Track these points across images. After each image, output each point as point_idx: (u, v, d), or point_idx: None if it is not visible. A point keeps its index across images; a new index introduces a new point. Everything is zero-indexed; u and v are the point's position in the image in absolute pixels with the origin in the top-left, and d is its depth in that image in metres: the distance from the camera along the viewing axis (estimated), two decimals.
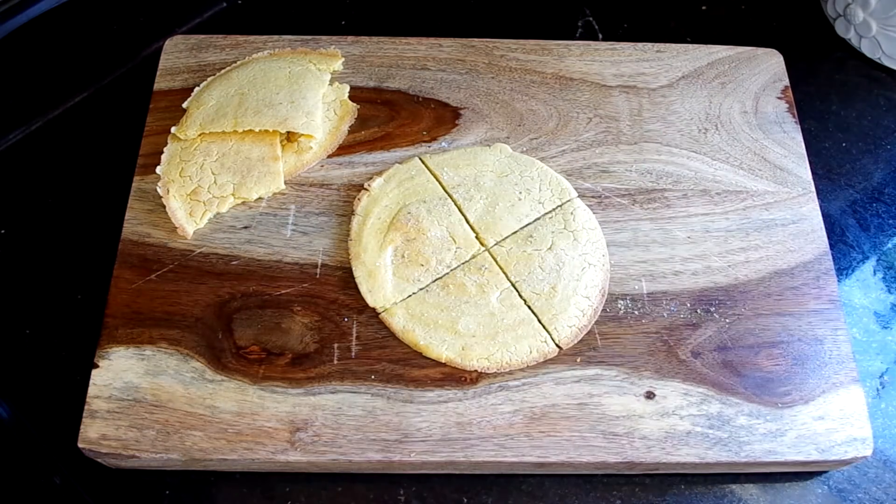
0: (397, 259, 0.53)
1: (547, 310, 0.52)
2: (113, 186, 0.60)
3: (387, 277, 0.53)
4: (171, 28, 0.71)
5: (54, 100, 0.67)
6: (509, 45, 0.65)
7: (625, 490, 0.51)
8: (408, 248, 0.54)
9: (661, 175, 0.59)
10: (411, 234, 0.54)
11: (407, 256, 0.53)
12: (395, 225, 0.54)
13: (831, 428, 0.50)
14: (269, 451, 0.48)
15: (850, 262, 0.61)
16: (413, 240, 0.54)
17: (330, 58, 0.63)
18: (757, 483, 0.52)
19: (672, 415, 0.50)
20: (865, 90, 0.70)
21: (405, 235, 0.54)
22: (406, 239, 0.54)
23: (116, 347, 0.51)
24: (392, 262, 0.53)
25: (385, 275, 0.53)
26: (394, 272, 0.53)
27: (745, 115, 0.62)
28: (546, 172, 0.58)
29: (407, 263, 0.53)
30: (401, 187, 0.56)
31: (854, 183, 0.65)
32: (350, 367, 0.51)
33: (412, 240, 0.54)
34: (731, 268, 0.55)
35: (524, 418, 0.49)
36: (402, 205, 0.55)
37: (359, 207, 0.56)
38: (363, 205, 0.56)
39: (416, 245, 0.54)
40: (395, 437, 0.48)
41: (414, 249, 0.54)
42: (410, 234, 0.54)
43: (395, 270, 0.53)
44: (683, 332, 0.53)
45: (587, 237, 0.55)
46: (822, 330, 0.53)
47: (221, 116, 0.58)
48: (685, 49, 0.65)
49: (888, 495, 0.52)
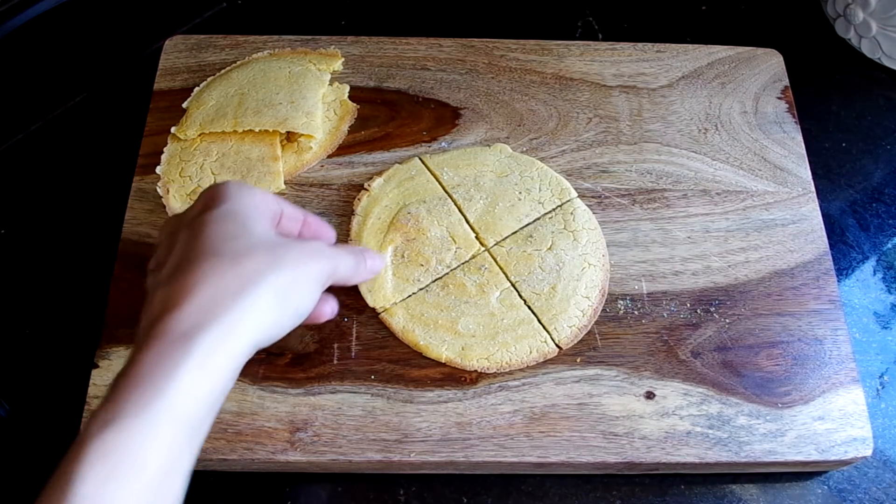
0: (397, 259, 0.53)
1: (547, 310, 0.52)
2: (113, 186, 0.60)
3: (387, 277, 0.53)
4: (171, 28, 0.71)
5: (54, 100, 0.67)
6: (509, 45, 0.65)
7: (625, 490, 0.51)
8: (408, 248, 0.54)
9: (661, 175, 0.59)
10: (411, 234, 0.54)
11: (407, 256, 0.53)
12: (395, 225, 0.54)
13: (831, 428, 0.50)
14: (269, 451, 0.48)
15: (850, 262, 0.61)
16: (413, 240, 0.54)
17: (330, 58, 0.63)
18: (757, 483, 0.52)
19: (672, 415, 0.50)
20: (865, 90, 0.70)
21: (405, 235, 0.54)
22: (406, 239, 0.54)
23: (116, 347, 0.51)
24: (392, 263, 0.53)
25: (385, 275, 0.53)
26: (394, 272, 0.53)
27: (745, 115, 0.62)
28: (546, 172, 0.58)
29: (407, 263, 0.53)
30: (401, 187, 0.56)
31: (854, 183, 0.65)
32: (350, 367, 0.51)
33: (412, 240, 0.54)
34: (731, 268, 0.55)
35: (524, 418, 0.49)
36: (402, 205, 0.55)
37: (359, 207, 0.56)
38: (363, 205, 0.56)
39: (416, 245, 0.54)
40: (395, 437, 0.48)
41: (414, 249, 0.54)
42: (410, 234, 0.54)
43: (395, 270, 0.53)
44: (683, 332, 0.53)
45: (587, 237, 0.55)
46: (822, 330, 0.53)
47: (221, 116, 0.58)
48: (685, 49, 0.65)
49: (888, 495, 0.52)
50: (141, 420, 0.32)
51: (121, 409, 0.32)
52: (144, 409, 0.32)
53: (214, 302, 0.35)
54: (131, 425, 0.32)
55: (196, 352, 0.34)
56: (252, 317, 0.36)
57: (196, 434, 0.34)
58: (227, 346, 0.35)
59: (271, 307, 0.37)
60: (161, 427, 0.32)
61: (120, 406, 0.32)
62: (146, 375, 0.33)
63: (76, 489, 0.30)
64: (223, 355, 0.35)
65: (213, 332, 0.34)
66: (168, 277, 0.37)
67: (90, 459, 0.31)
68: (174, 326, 0.34)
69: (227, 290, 0.35)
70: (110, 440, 0.31)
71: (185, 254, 0.37)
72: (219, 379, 0.35)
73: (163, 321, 0.34)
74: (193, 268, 0.36)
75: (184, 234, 0.39)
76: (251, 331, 0.36)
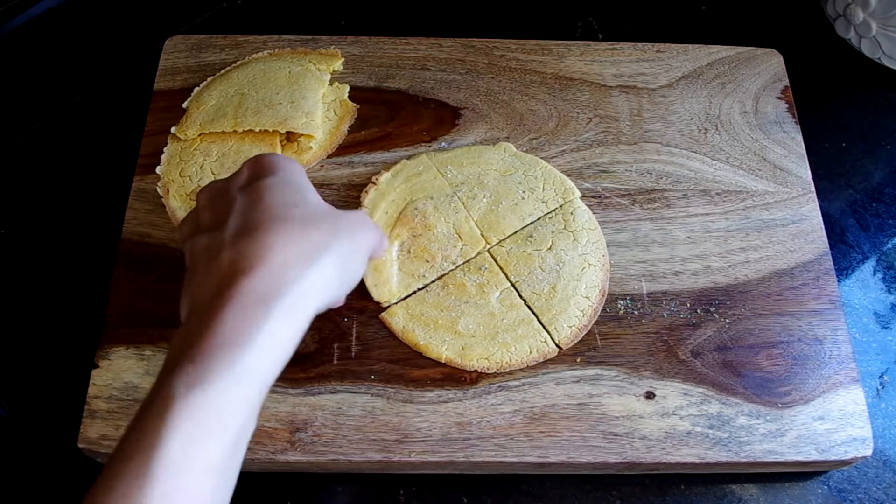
0: (403, 254, 0.53)
1: (547, 310, 0.52)
2: (113, 186, 0.60)
3: (392, 272, 0.53)
4: (171, 28, 0.71)
5: (54, 100, 0.67)
6: (509, 45, 0.65)
7: (625, 490, 0.51)
8: (414, 244, 0.54)
9: (661, 175, 0.59)
10: (418, 230, 0.54)
11: (413, 252, 0.53)
12: (401, 220, 0.54)
13: (831, 428, 0.50)
14: (269, 451, 0.48)
15: (850, 262, 0.61)
16: (419, 236, 0.54)
17: (330, 58, 0.63)
18: (757, 483, 0.52)
19: (672, 415, 0.50)
20: (865, 90, 0.70)
21: (412, 231, 0.54)
22: (413, 235, 0.54)
23: (116, 347, 0.51)
24: (398, 258, 0.53)
25: (391, 270, 0.53)
26: (399, 267, 0.53)
27: (745, 115, 0.62)
28: (550, 172, 0.58)
29: (413, 259, 0.53)
30: (408, 182, 0.56)
31: (854, 183, 0.65)
32: (350, 367, 0.51)
33: (418, 235, 0.54)
34: (731, 268, 0.55)
35: (524, 418, 0.49)
36: (409, 200, 0.55)
37: (366, 200, 0.56)
38: (370, 198, 0.56)
39: (423, 241, 0.54)
40: (395, 437, 0.48)
41: (420, 245, 0.54)
42: (417, 230, 0.54)
43: (401, 266, 0.53)
44: (683, 332, 0.53)
45: (587, 237, 0.55)
46: (822, 330, 0.53)
47: (221, 116, 0.58)
48: (685, 49, 0.65)
49: (888, 495, 0.52)
50: (227, 382, 0.33)
51: (206, 370, 0.33)
52: (229, 371, 0.33)
53: (287, 266, 0.37)
54: (218, 387, 0.33)
55: (275, 315, 0.35)
56: (321, 282, 0.38)
57: (265, 394, 0.36)
58: (300, 309, 0.37)
59: (335, 273, 0.39)
60: (242, 388, 0.34)
61: (205, 367, 0.33)
62: (229, 336, 0.34)
63: (164, 450, 0.31)
64: (297, 318, 0.37)
65: (290, 296, 0.36)
66: (235, 238, 0.38)
67: (178, 420, 0.31)
68: (252, 288, 0.35)
69: (298, 255, 0.37)
70: (197, 402, 0.32)
71: (251, 218, 0.38)
72: (291, 340, 0.37)
73: (238, 283, 0.35)
74: (263, 232, 0.37)
75: (243, 199, 0.40)
76: (319, 295, 0.38)
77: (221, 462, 0.33)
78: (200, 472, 0.32)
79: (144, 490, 0.30)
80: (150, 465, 0.30)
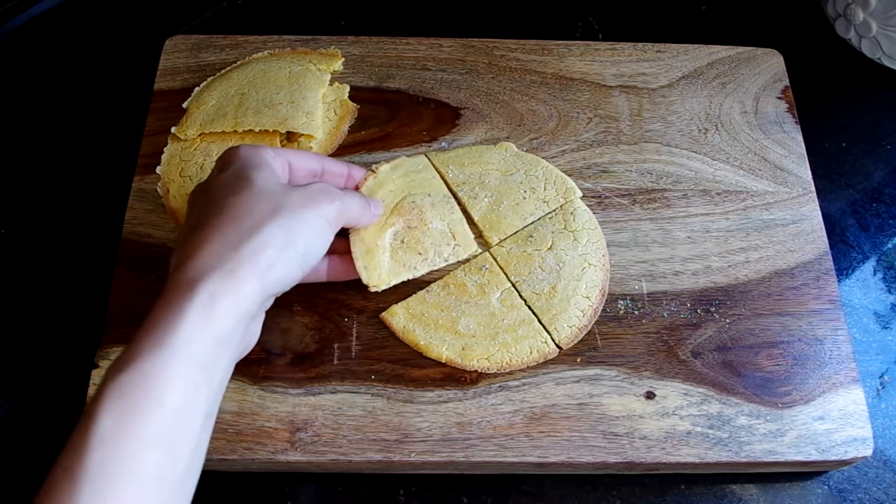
0: (396, 243, 0.53)
1: (547, 310, 0.52)
2: (113, 186, 0.60)
3: (384, 258, 0.52)
4: (171, 28, 0.71)
5: (54, 100, 0.67)
6: (509, 45, 0.65)
7: (625, 490, 0.51)
8: (408, 235, 0.53)
9: (661, 175, 0.59)
10: (413, 223, 0.54)
11: (406, 242, 0.53)
12: (398, 210, 0.54)
13: (831, 428, 0.50)
14: (269, 451, 0.48)
15: (850, 262, 0.61)
16: (414, 228, 0.54)
17: (330, 58, 0.63)
18: (757, 483, 0.52)
19: (672, 415, 0.50)
20: (865, 90, 0.70)
21: (407, 222, 0.54)
22: (408, 225, 0.53)
23: (116, 347, 0.51)
24: (391, 245, 0.53)
25: (382, 255, 0.52)
26: (391, 255, 0.52)
27: (745, 115, 0.62)
28: (551, 172, 0.58)
29: (406, 249, 0.53)
30: (407, 177, 0.56)
31: (854, 183, 0.65)
32: (350, 367, 0.51)
33: (413, 227, 0.54)
34: (731, 268, 0.55)
35: (524, 418, 0.49)
36: (407, 194, 0.55)
37: (363, 187, 0.55)
38: (368, 185, 0.55)
39: (417, 234, 0.53)
40: (395, 437, 0.48)
41: (414, 237, 0.53)
42: (412, 223, 0.54)
43: (393, 253, 0.52)
44: (683, 332, 0.53)
45: (587, 237, 0.55)
46: (822, 330, 0.53)
47: (221, 116, 0.58)
48: (685, 49, 0.66)
49: (888, 495, 0.52)
50: (153, 360, 0.35)
51: (134, 352, 0.36)
52: (156, 350, 0.35)
53: (218, 254, 0.39)
54: (144, 365, 0.35)
55: (200, 295, 0.37)
56: (254, 261, 0.39)
57: (211, 375, 0.37)
58: (230, 289, 0.38)
59: (275, 251, 0.40)
60: (173, 366, 0.35)
61: (133, 350, 0.36)
62: (155, 321, 0.37)
63: (98, 425, 0.34)
64: (227, 298, 0.38)
65: (215, 276, 0.38)
66: (182, 240, 0.41)
67: (110, 397, 0.34)
68: (181, 277, 0.38)
69: (228, 242, 0.39)
70: (126, 380, 0.35)
71: (199, 217, 0.42)
72: (226, 320, 0.38)
73: (172, 277, 0.39)
74: (200, 229, 0.40)
75: (200, 200, 0.44)
76: (254, 274, 0.39)
77: (160, 435, 0.34)
78: (137, 442, 0.34)
79: (83, 458, 0.33)
80: (86, 437, 0.33)
